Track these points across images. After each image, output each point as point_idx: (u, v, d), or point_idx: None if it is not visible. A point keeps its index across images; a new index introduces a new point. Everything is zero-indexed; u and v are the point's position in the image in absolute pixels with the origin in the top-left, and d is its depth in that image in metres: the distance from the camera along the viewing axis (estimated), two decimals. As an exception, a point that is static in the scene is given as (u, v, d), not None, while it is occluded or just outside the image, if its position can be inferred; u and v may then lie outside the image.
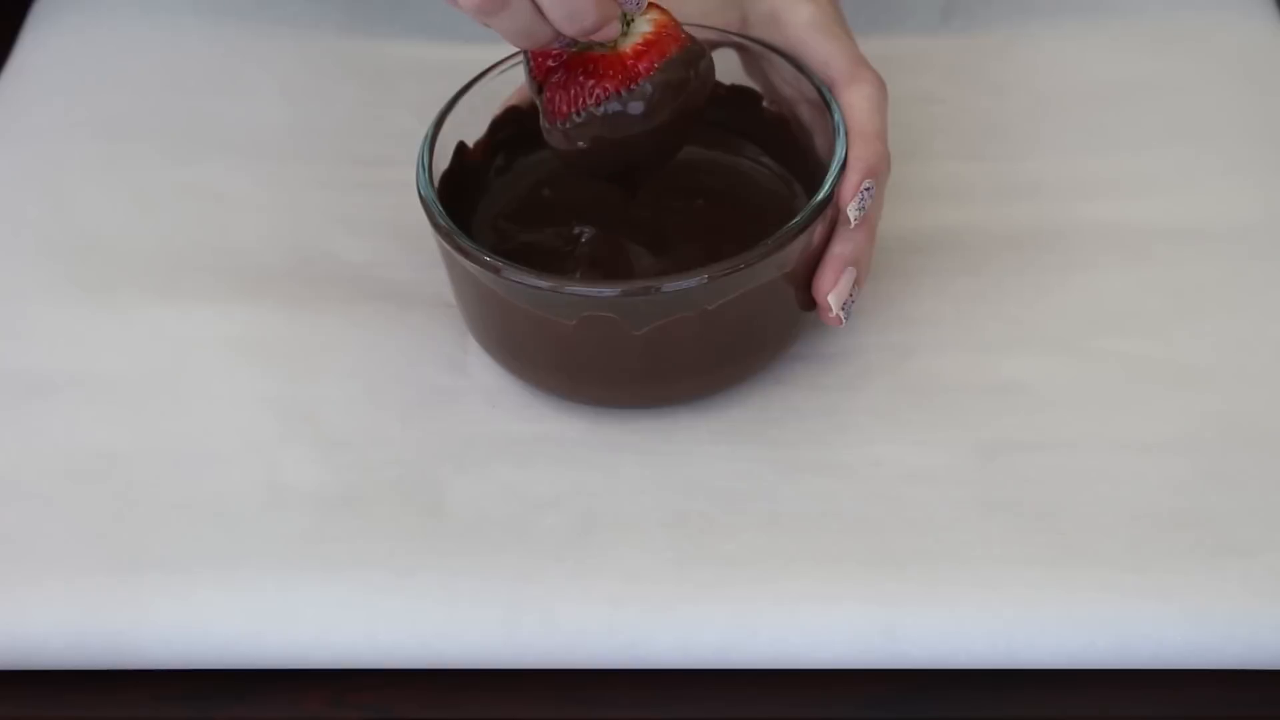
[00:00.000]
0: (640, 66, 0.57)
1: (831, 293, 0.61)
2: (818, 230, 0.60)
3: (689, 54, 0.58)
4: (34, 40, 0.79)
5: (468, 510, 0.60)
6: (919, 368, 0.64)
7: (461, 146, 0.65)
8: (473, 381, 0.64)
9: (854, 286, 0.61)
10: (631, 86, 0.57)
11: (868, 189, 0.60)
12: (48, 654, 0.57)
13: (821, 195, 0.60)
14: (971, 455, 0.61)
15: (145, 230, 0.70)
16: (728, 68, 0.66)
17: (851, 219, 0.60)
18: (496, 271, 0.58)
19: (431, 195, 0.61)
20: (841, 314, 0.61)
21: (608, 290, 0.58)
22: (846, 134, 0.61)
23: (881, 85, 0.63)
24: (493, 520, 0.59)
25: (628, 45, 0.58)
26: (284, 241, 0.70)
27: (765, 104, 0.66)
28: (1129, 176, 0.71)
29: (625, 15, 0.58)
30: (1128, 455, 0.61)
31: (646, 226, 0.65)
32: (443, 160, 0.64)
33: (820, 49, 0.63)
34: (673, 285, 0.58)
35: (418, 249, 0.68)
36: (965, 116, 0.75)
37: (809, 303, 0.62)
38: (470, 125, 0.65)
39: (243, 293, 0.67)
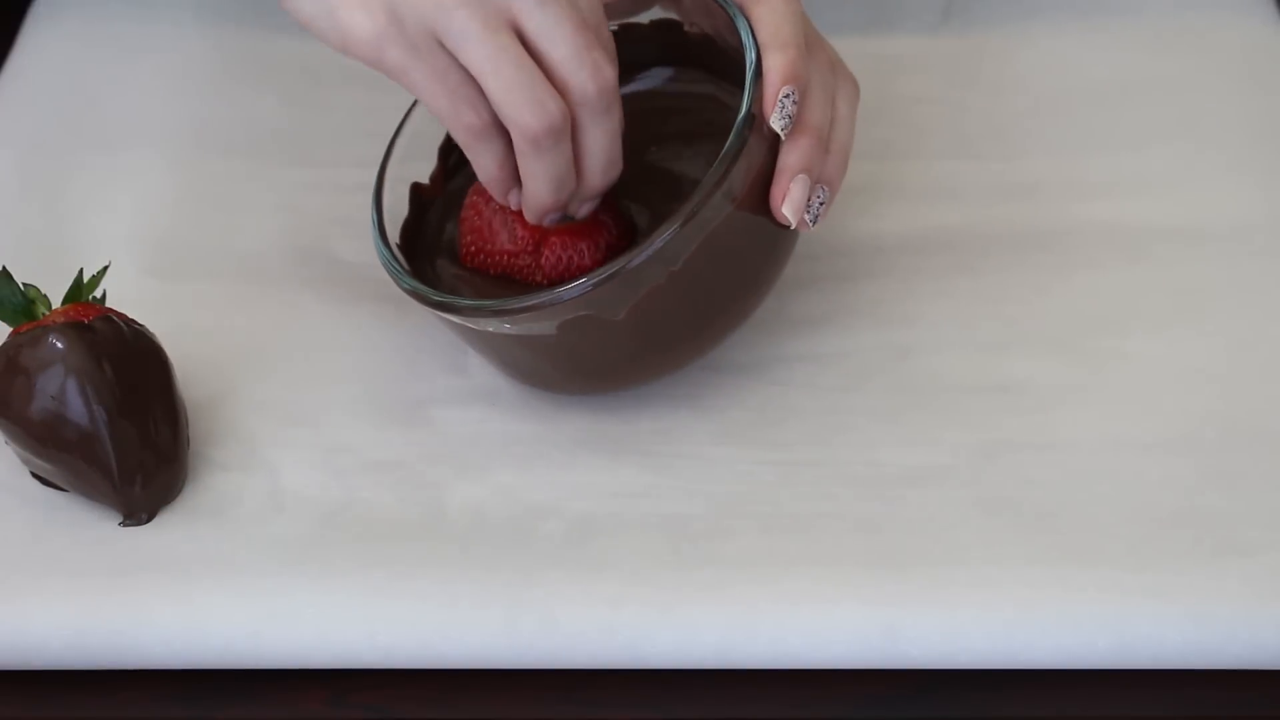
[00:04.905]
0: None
1: (785, 204, 0.59)
2: (756, 152, 0.58)
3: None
4: (32, 42, 0.79)
5: (468, 511, 0.59)
6: (919, 368, 0.64)
7: (416, 189, 0.65)
8: (473, 381, 0.64)
9: (816, 195, 0.59)
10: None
11: (787, 96, 0.58)
12: (48, 654, 0.57)
13: (741, 116, 0.58)
14: (971, 455, 0.61)
15: (144, 232, 0.70)
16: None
17: (779, 130, 0.58)
18: (457, 311, 0.58)
19: (387, 255, 0.60)
20: (808, 219, 0.59)
21: (573, 290, 0.56)
22: (758, 48, 0.59)
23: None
24: (493, 520, 0.59)
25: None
26: (283, 242, 0.70)
27: (686, 28, 0.64)
28: (1128, 176, 0.71)
29: None
30: (1128, 455, 0.61)
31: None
32: (401, 208, 0.63)
33: None
34: (629, 263, 0.56)
35: (417, 249, 0.68)
36: (964, 116, 0.75)
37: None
38: (421, 163, 0.64)
39: (242, 294, 0.67)
